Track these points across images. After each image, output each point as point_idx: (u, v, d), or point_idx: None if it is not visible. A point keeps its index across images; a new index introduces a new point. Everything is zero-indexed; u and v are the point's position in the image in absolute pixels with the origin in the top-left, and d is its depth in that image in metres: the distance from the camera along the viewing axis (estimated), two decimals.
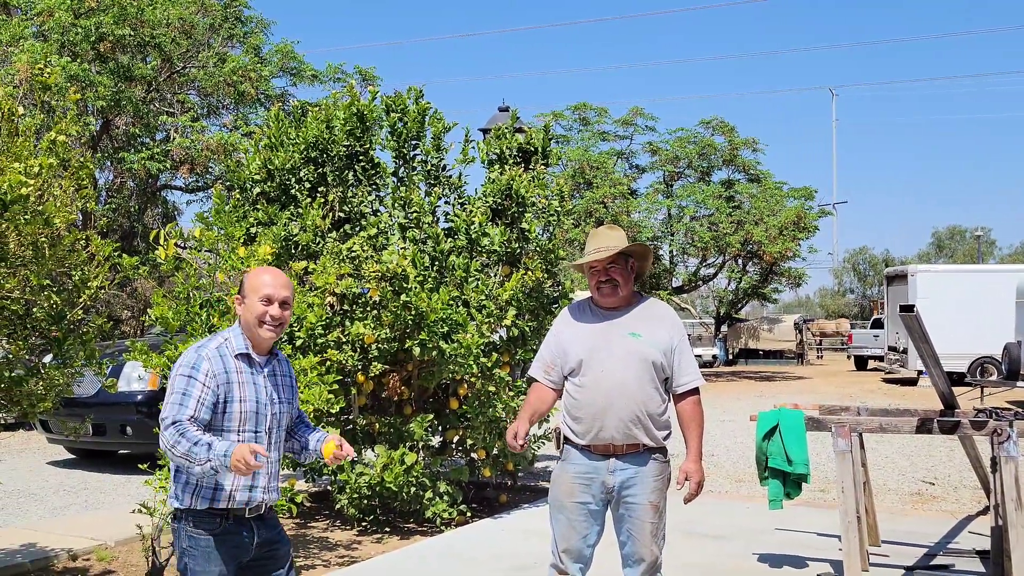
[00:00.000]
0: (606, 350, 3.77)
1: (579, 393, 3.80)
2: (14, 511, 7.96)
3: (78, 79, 15.84)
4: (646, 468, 3.78)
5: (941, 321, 17.84)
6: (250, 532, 3.18)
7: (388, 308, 6.66)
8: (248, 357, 3.18)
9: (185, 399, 3.02)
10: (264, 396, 3.19)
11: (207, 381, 3.05)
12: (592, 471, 3.78)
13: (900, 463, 10.46)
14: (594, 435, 3.76)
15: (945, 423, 5.29)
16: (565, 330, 3.92)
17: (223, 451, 2.92)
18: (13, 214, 4.39)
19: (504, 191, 7.54)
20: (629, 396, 3.71)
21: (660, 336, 3.81)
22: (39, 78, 5.13)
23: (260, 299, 3.16)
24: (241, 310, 3.21)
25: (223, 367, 3.10)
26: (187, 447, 2.93)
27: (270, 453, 3.19)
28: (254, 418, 3.15)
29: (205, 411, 3.04)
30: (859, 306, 65.05)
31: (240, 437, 3.11)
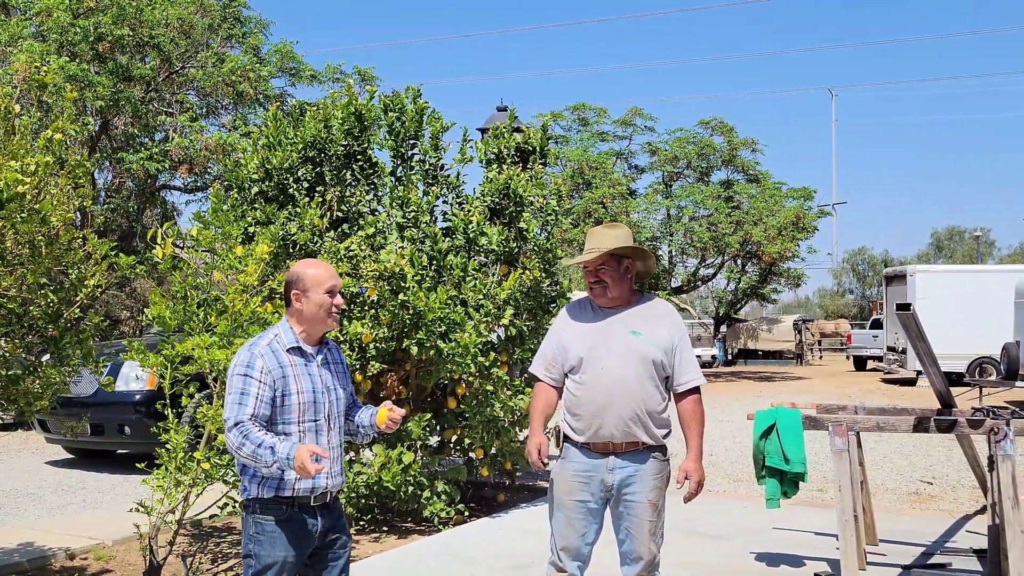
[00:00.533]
0: (606, 348, 3.77)
1: (579, 391, 3.80)
2: (12, 510, 7.96)
3: (77, 79, 15.84)
4: (645, 467, 3.78)
5: (940, 321, 17.87)
6: (315, 520, 3.28)
7: (386, 307, 6.67)
8: (300, 350, 3.29)
9: (244, 398, 3.14)
10: (320, 385, 3.30)
11: (263, 378, 3.16)
12: (591, 469, 3.78)
13: (898, 462, 10.47)
14: (593, 433, 3.75)
15: (942, 422, 5.30)
16: (566, 327, 3.92)
17: (285, 454, 3.05)
18: (9, 212, 4.39)
19: (502, 190, 7.54)
20: (629, 394, 3.71)
21: (660, 334, 3.80)
22: (36, 77, 5.13)
23: (325, 291, 3.30)
24: (301, 304, 3.30)
25: (277, 362, 3.21)
26: (252, 449, 3.07)
27: (331, 439, 3.32)
28: (312, 408, 3.26)
29: (264, 407, 3.15)
30: (858, 306, 65.07)
31: (301, 428, 3.22)
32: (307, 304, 3.29)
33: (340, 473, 3.37)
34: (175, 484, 5.29)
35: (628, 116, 27.14)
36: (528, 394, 7.33)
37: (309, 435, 3.26)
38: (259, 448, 3.06)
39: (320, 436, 3.29)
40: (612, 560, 3.99)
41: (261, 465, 3.10)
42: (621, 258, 3.83)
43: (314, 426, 3.26)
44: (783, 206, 25.55)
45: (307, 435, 3.25)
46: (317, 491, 3.26)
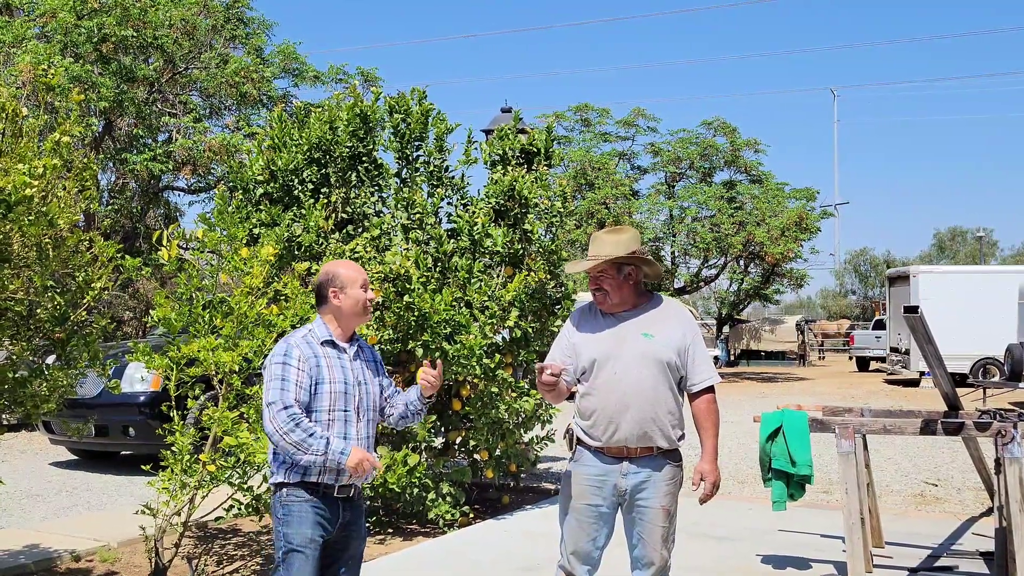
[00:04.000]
0: (619, 352, 3.74)
1: (592, 395, 3.77)
2: (17, 512, 7.96)
3: (81, 80, 15.85)
4: (659, 472, 3.75)
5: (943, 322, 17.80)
6: (336, 511, 3.39)
7: (391, 309, 6.66)
8: (333, 343, 3.44)
9: (286, 384, 3.27)
10: (352, 378, 3.43)
11: (300, 365, 3.31)
12: (605, 474, 3.76)
13: (903, 464, 10.45)
14: (608, 437, 3.72)
15: (949, 424, 5.29)
16: (577, 331, 3.89)
17: (340, 449, 3.25)
18: (17, 215, 4.39)
19: (507, 192, 7.53)
20: (644, 398, 3.69)
21: (673, 335, 3.77)
22: (42, 79, 5.13)
23: (360, 287, 3.48)
24: (341, 301, 3.45)
25: (311, 352, 3.36)
26: (302, 437, 3.21)
27: (360, 430, 3.43)
28: (343, 398, 3.38)
29: (304, 393, 3.29)
30: (861, 307, 64.97)
31: (331, 416, 3.35)
32: (345, 300, 3.45)
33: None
34: (180, 486, 5.29)
35: (631, 117, 27.15)
36: (534, 395, 7.33)
37: (337, 424, 3.37)
38: (311, 437, 3.21)
39: (348, 426, 3.40)
40: (620, 562, 3.99)
41: (305, 452, 3.21)
42: (622, 264, 3.80)
43: (343, 415, 3.38)
44: (786, 207, 25.53)
45: (335, 424, 3.36)
46: (341, 481, 3.37)
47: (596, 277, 3.80)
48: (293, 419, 3.22)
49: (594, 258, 3.79)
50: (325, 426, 3.34)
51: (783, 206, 25.52)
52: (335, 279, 3.49)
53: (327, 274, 3.51)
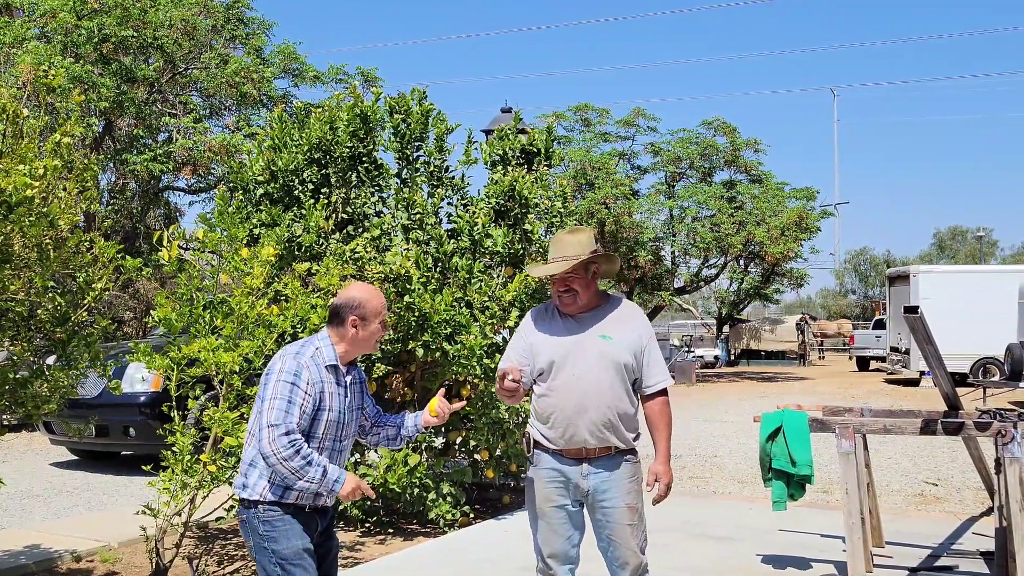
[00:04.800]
0: (577, 353, 3.71)
1: (550, 396, 3.74)
2: (17, 512, 7.96)
3: (81, 81, 15.86)
4: (619, 471, 3.74)
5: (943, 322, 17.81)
6: (314, 522, 3.34)
7: (391, 309, 6.67)
8: (336, 368, 3.32)
9: (291, 407, 3.16)
10: (346, 405, 3.35)
11: (308, 389, 3.20)
12: (565, 475, 3.75)
13: (903, 464, 10.46)
14: (567, 439, 3.71)
15: (949, 424, 5.29)
16: (533, 332, 3.84)
17: (335, 478, 3.19)
18: (18, 216, 4.39)
19: (507, 192, 7.54)
20: (602, 400, 3.67)
21: (630, 338, 3.76)
22: (43, 80, 5.13)
23: (381, 322, 3.38)
24: (359, 332, 3.34)
25: (319, 376, 3.25)
26: (300, 464, 3.12)
27: (343, 457, 3.39)
28: (335, 427, 3.31)
29: (306, 419, 3.20)
30: (861, 307, 64.98)
31: (321, 445, 3.27)
32: (363, 331, 3.34)
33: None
34: (181, 486, 5.30)
35: (631, 116, 27.12)
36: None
37: (326, 453, 3.30)
38: (309, 466, 3.13)
39: (335, 455, 3.34)
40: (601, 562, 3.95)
41: (302, 480, 3.14)
42: (588, 263, 3.77)
43: (332, 444, 3.32)
44: (786, 206, 25.53)
45: (324, 452, 3.29)
46: (316, 504, 3.32)
47: (565, 278, 3.74)
48: (293, 445, 3.13)
49: (564, 259, 3.74)
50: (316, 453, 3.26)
51: (783, 206, 25.52)
52: (360, 307, 3.35)
53: (353, 300, 3.36)
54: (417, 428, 3.58)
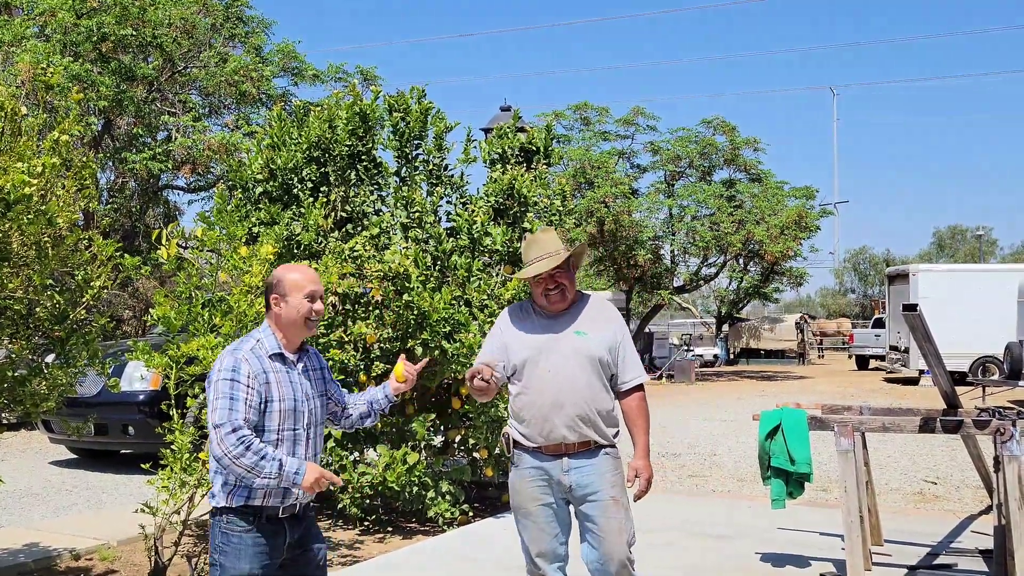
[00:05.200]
0: (552, 349, 3.72)
1: (525, 394, 3.74)
2: (16, 511, 7.96)
3: (80, 79, 15.86)
4: (601, 464, 3.73)
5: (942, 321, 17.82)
6: (283, 532, 3.19)
7: (390, 308, 6.67)
8: (281, 356, 3.21)
9: (234, 403, 3.05)
10: (300, 393, 3.22)
11: (250, 383, 3.09)
12: (547, 471, 3.73)
13: (902, 462, 10.46)
14: (545, 436, 3.70)
15: (948, 422, 5.29)
16: (507, 331, 3.84)
17: (294, 470, 3.05)
18: (16, 214, 4.39)
19: (506, 191, 7.54)
20: (579, 395, 3.67)
21: (605, 334, 3.77)
22: (41, 78, 5.13)
23: (305, 296, 3.21)
24: (281, 309, 3.21)
25: (260, 368, 3.13)
26: (254, 460, 3.00)
27: (308, 449, 3.23)
28: (292, 416, 3.18)
29: (254, 413, 3.08)
30: (860, 306, 65.01)
31: (280, 436, 3.14)
32: (286, 309, 3.21)
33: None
34: (180, 485, 5.29)
35: (630, 115, 27.11)
36: None
37: (286, 443, 3.16)
38: (263, 460, 3.01)
39: (297, 445, 3.20)
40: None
41: (258, 476, 3.02)
42: (568, 259, 3.81)
43: (292, 435, 3.18)
44: (785, 205, 25.53)
45: (284, 443, 3.16)
46: (288, 503, 3.18)
47: (553, 276, 3.75)
48: (243, 442, 3.00)
49: (548, 255, 3.76)
50: (273, 446, 3.12)
51: (782, 205, 25.52)
52: (277, 285, 3.24)
53: (273, 278, 3.28)
54: (388, 399, 3.49)
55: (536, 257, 3.79)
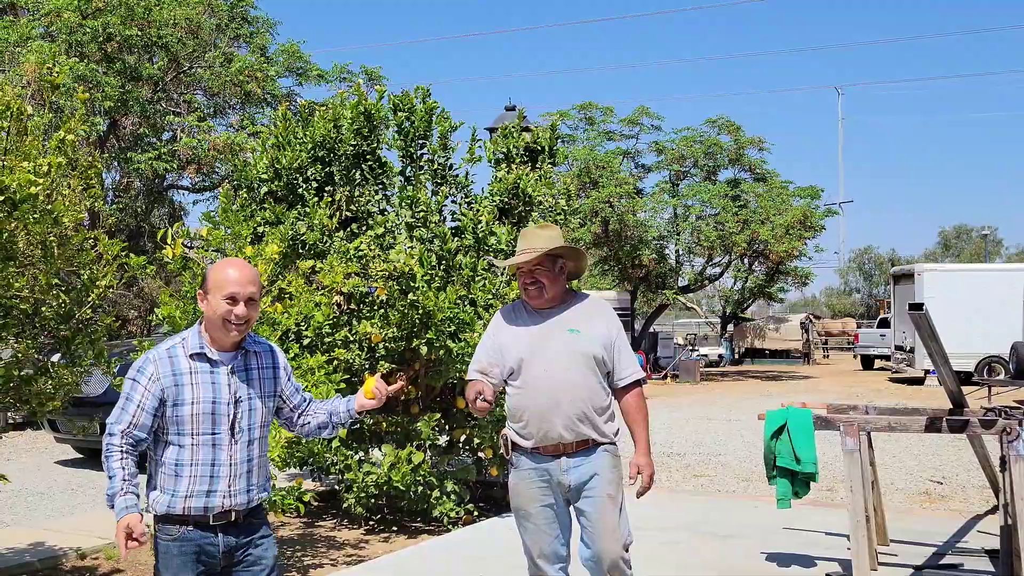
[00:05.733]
0: (546, 348, 3.70)
1: (521, 395, 3.72)
2: (22, 510, 7.98)
3: (86, 79, 15.89)
4: (599, 462, 3.70)
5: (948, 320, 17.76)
6: (215, 539, 2.99)
7: (395, 307, 6.67)
8: (204, 356, 3.00)
9: (127, 404, 2.93)
10: (225, 395, 2.98)
11: (149, 385, 2.93)
12: (546, 472, 3.71)
13: (908, 462, 10.44)
14: (542, 436, 3.67)
15: (955, 422, 5.28)
16: (501, 331, 3.83)
17: (118, 509, 2.84)
18: (22, 213, 4.40)
19: (511, 190, 7.53)
20: (574, 393, 3.65)
21: (599, 331, 3.75)
22: (47, 78, 5.14)
23: (224, 297, 2.96)
24: (204, 307, 3.01)
25: (170, 369, 2.95)
26: (107, 473, 2.88)
27: (236, 454, 3.00)
28: (209, 419, 2.95)
29: (146, 416, 2.92)
30: (865, 305, 64.89)
31: (195, 440, 2.94)
32: (207, 307, 3.00)
33: (248, 491, 3.04)
34: None
35: (635, 115, 27.11)
36: None
37: (204, 448, 2.95)
38: (111, 479, 2.87)
39: (218, 450, 2.97)
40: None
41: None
42: (555, 258, 3.77)
43: (211, 439, 2.96)
44: (790, 205, 25.52)
45: (201, 448, 2.95)
46: (213, 510, 2.97)
47: (531, 271, 3.74)
48: (108, 450, 2.88)
49: (531, 251, 3.74)
50: (190, 451, 2.94)
51: (787, 204, 25.50)
52: (204, 280, 3.04)
53: (206, 270, 3.06)
54: (350, 413, 3.26)
55: (522, 249, 3.79)
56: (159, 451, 2.99)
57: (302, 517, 7.33)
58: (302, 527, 7.09)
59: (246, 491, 3.03)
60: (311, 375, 5.48)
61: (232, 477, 2.99)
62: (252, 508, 3.09)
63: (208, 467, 2.95)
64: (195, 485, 2.95)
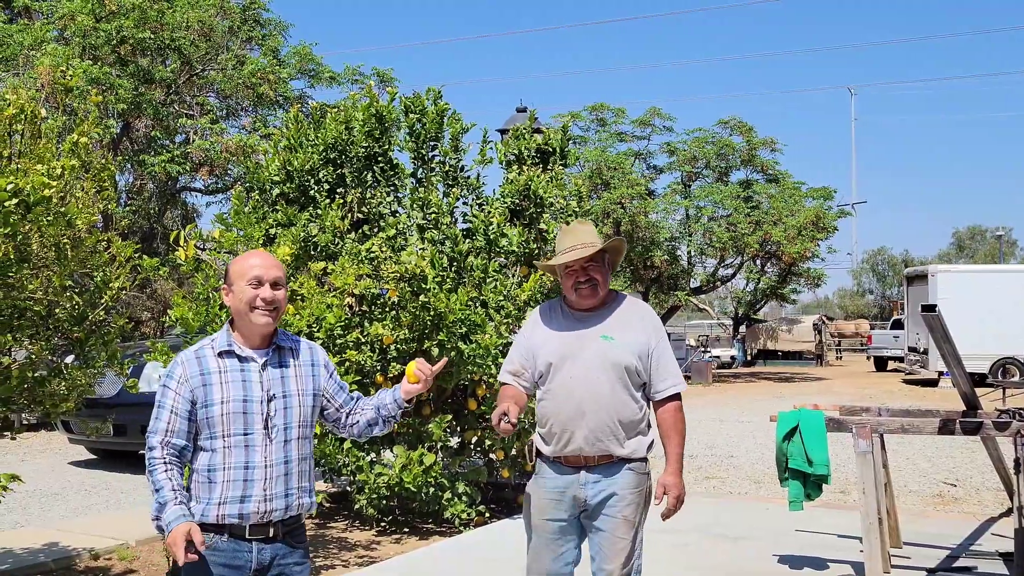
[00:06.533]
0: (577, 354, 3.45)
1: (548, 401, 3.50)
2: (36, 511, 8.02)
3: (99, 82, 15.99)
4: (622, 481, 3.43)
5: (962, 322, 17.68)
6: (248, 553, 2.82)
7: (407, 309, 6.68)
8: (232, 353, 2.87)
9: (160, 412, 2.83)
10: (257, 392, 2.84)
11: (179, 388, 2.82)
12: (564, 485, 3.48)
13: (921, 464, 10.39)
14: (563, 446, 3.45)
15: (968, 424, 5.25)
16: (535, 333, 3.59)
17: (168, 520, 2.68)
18: (36, 215, 4.42)
19: (522, 192, 7.54)
20: (601, 404, 3.40)
21: (635, 338, 3.47)
22: (61, 81, 5.17)
23: (248, 282, 2.85)
24: (230, 300, 2.90)
25: (198, 369, 2.84)
26: (151, 487, 2.77)
27: (272, 454, 2.84)
28: (241, 419, 2.80)
29: (181, 421, 2.80)
30: (878, 307, 64.63)
31: (226, 442, 2.80)
32: (233, 299, 2.89)
33: (287, 495, 2.86)
34: None
35: (647, 116, 27.08)
36: None
37: (237, 450, 2.80)
38: (156, 492, 2.74)
39: (252, 451, 2.81)
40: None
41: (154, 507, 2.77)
42: (603, 252, 3.53)
43: (244, 440, 2.80)
44: (802, 206, 25.45)
45: (234, 450, 2.80)
46: (249, 519, 2.79)
47: (585, 268, 3.48)
48: (150, 464, 2.79)
49: (582, 246, 3.48)
50: (222, 455, 2.80)
51: (800, 205, 25.43)
52: (227, 274, 2.94)
53: (227, 266, 2.98)
54: (397, 403, 3.09)
55: (570, 246, 3.51)
56: (193, 459, 2.87)
57: (314, 518, 7.35)
58: (314, 528, 7.11)
59: (284, 495, 2.85)
60: None
61: (268, 479, 2.82)
62: (293, 524, 2.93)
63: (241, 470, 2.79)
64: (229, 491, 2.79)
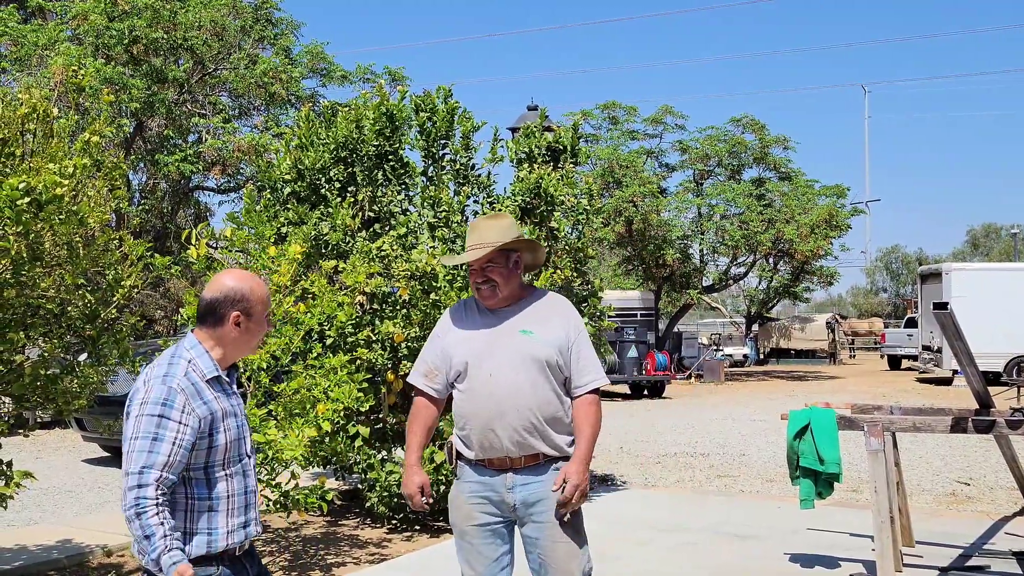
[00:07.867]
0: (494, 351, 3.29)
1: (466, 401, 3.32)
2: (50, 508, 8.07)
3: (112, 82, 16.06)
4: (551, 481, 3.26)
5: (976, 320, 17.60)
6: (245, 571, 2.77)
7: (417, 307, 6.69)
8: (219, 380, 2.70)
9: (158, 445, 2.49)
10: (241, 415, 2.77)
11: (184, 418, 2.54)
12: (488, 488, 3.31)
13: (934, 463, 10.34)
14: (486, 448, 3.28)
15: (980, 422, 5.22)
16: (449, 331, 3.42)
17: (168, 565, 2.45)
18: (48, 214, 4.45)
19: (533, 190, 7.53)
20: (522, 402, 3.23)
21: (554, 332, 3.32)
22: (73, 80, 5.20)
23: (267, 315, 2.78)
24: (241, 329, 2.71)
25: (200, 399, 2.61)
26: (139, 534, 2.46)
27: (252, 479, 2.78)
28: (236, 444, 2.71)
29: (183, 455, 2.53)
30: (892, 305, 64.34)
31: (229, 471, 2.67)
32: (247, 330, 2.72)
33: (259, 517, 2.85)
34: None
35: (658, 114, 27.05)
36: None
37: (238, 477, 2.71)
38: (145, 540, 2.45)
39: (248, 477, 2.75)
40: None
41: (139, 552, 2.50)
42: (509, 252, 3.35)
43: (240, 467, 2.72)
44: (815, 204, 25.38)
45: (234, 478, 2.69)
46: (248, 540, 2.75)
47: (483, 268, 3.32)
48: (141, 504, 2.44)
49: (481, 246, 3.31)
50: (225, 483, 2.66)
51: (813, 203, 25.36)
52: (243, 300, 2.70)
53: (234, 292, 2.70)
54: None
55: (471, 245, 3.36)
56: (187, 492, 2.63)
57: (325, 516, 7.37)
58: (325, 526, 7.13)
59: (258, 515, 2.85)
60: (334, 374, 5.50)
61: (257, 500, 2.80)
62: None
63: (242, 496, 2.71)
64: (234, 518, 2.68)
